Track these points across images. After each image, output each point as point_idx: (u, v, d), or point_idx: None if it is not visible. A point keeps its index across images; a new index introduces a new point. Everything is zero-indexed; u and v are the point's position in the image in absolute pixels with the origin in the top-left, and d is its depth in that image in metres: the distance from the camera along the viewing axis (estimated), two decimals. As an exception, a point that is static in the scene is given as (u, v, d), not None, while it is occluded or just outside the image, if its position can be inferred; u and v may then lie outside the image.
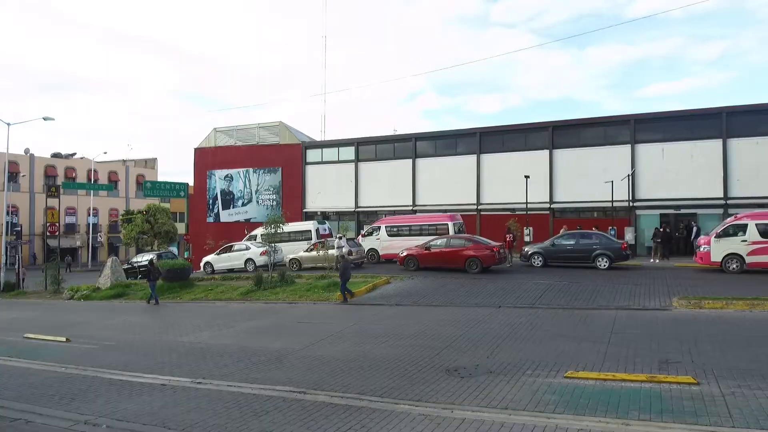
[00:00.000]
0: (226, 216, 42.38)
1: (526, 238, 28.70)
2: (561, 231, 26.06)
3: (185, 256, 31.71)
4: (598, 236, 23.14)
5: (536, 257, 23.39)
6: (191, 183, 44.13)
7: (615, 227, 27.87)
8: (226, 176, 42.48)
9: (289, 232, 27.90)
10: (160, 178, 66.26)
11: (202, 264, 29.41)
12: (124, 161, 69.93)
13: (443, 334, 11.98)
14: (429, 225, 26.99)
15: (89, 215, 57.51)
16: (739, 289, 15.60)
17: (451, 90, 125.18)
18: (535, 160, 32.43)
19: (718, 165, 28.13)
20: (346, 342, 11.85)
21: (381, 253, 27.55)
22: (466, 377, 8.63)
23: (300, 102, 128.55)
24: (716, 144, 28.33)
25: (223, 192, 42.61)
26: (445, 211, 31.26)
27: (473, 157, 34.55)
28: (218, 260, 28.58)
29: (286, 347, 11.67)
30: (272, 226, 22.08)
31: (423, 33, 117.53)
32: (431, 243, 23.43)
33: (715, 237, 20.21)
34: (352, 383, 8.65)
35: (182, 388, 9.05)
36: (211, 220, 42.72)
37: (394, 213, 35.05)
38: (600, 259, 21.91)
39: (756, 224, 19.65)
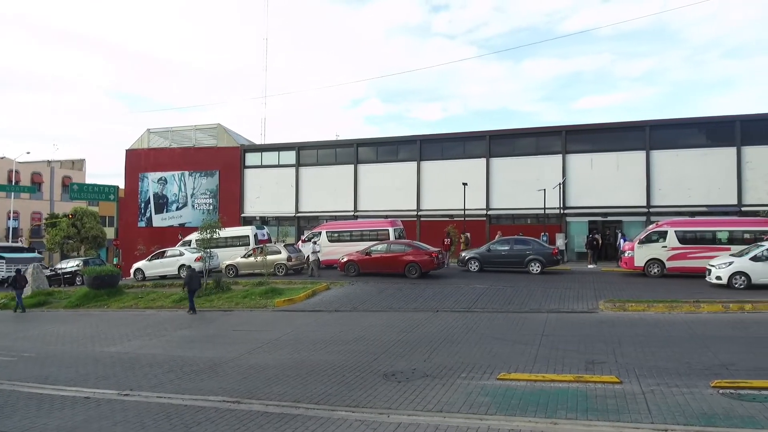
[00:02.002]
0: (159, 220, 40.81)
1: (463, 244, 29.34)
2: (496, 237, 26.85)
3: (114, 263, 30.24)
4: (531, 242, 23.97)
5: (473, 262, 23.93)
6: (122, 186, 42.25)
7: (547, 233, 28.97)
8: (160, 179, 40.94)
9: (226, 238, 27.21)
10: (89, 181, 63.01)
11: (132, 270, 28.13)
12: (49, 162, 65.95)
13: (382, 339, 12.03)
14: (370, 230, 27.06)
15: (9, 218, 53.79)
16: (659, 292, 16.61)
17: (394, 97, 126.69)
18: (473, 168, 33.25)
19: (642, 175, 29.84)
20: (284, 349, 11.67)
21: (321, 258, 27.32)
22: (403, 381, 8.69)
23: (240, 105, 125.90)
24: (640, 155, 30.05)
25: (156, 195, 41.02)
26: (386, 216, 31.48)
27: (414, 164, 35.00)
28: (150, 266, 27.45)
29: (221, 356, 11.35)
30: (208, 231, 21.45)
31: (367, 41, 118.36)
32: (372, 248, 23.50)
33: (638, 243, 21.41)
34: (289, 391, 8.52)
35: (108, 401, 8.62)
36: (143, 224, 41.01)
37: (335, 218, 34.91)
38: (533, 264, 22.70)
39: (675, 231, 21.00)
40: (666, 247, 20.80)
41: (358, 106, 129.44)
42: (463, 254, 25.03)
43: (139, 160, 41.61)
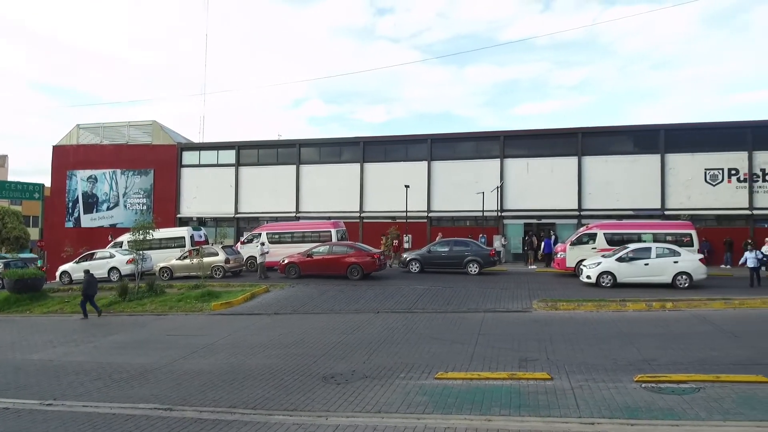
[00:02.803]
0: (88, 221, 38.80)
1: (406, 245, 29.66)
2: (437, 238, 27.30)
3: (38, 265, 28.50)
4: (470, 243, 24.53)
5: (414, 263, 24.21)
6: (48, 184, 39.87)
7: (485, 235, 29.75)
8: (90, 177, 38.95)
9: (161, 239, 26.21)
10: (11, 178, 59.15)
11: (58, 273, 26.61)
12: (-36, 157, 61.46)
13: (322, 341, 11.96)
14: (312, 232, 26.82)
15: None
16: (589, 292, 17.40)
17: (337, 98, 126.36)
18: (415, 170, 33.65)
19: (574, 180, 31.17)
20: (220, 354, 11.38)
21: (258, 260, 26.84)
22: (342, 383, 8.68)
23: (177, 102, 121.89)
24: (573, 161, 31.38)
25: (85, 194, 38.98)
26: (329, 218, 31.31)
27: (357, 166, 35.01)
28: (77, 269, 25.98)
29: (153, 362, 10.93)
30: (141, 232, 20.63)
31: (310, 41, 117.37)
32: (314, 250, 23.32)
33: (570, 245, 22.36)
34: (224, 396, 8.32)
35: (29, 411, 8.12)
36: (70, 225, 38.87)
37: (276, 219, 34.39)
38: (471, 265, 23.22)
39: (604, 233, 22.10)
40: (595, 248, 21.83)
41: (300, 107, 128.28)
42: (404, 255, 25.29)
43: (67, 157, 39.42)
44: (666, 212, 29.32)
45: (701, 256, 19.52)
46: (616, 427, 6.31)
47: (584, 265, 19.72)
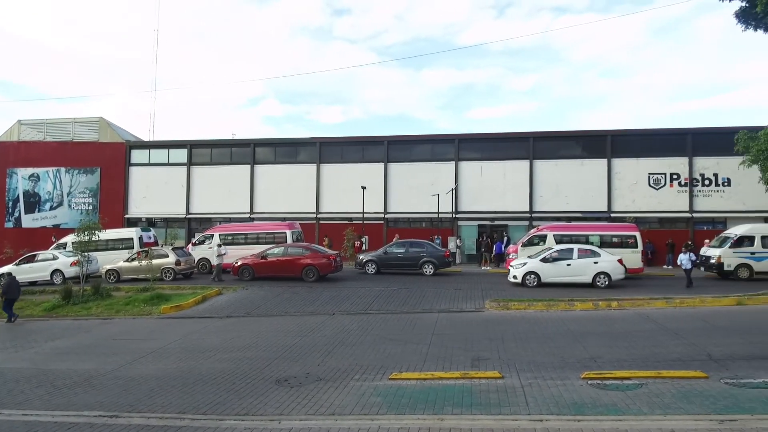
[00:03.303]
0: (29, 221, 36.99)
1: (363, 247, 29.70)
2: (394, 239, 27.46)
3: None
4: (425, 245, 24.78)
5: (370, 265, 24.25)
6: (-15, 182, 37.81)
7: (440, 236, 30.12)
8: (32, 176, 37.15)
9: (107, 240, 25.28)
10: (-58, 175, 55.54)
11: (-5, 276, 25.26)
12: None
13: (276, 344, 11.82)
14: (266, 233, 26.47)
15: None
16: (539, 292, 17.87)
17: (293, 98, 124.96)
18: (372, 171, 33.72)
19: (526, 183, 31.95)
20: (169, 358, 11.07)
21: (213, 262, 26.29)
22: (296, 386, 8.60)
23: (126, 99, 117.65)
24: (525, 164, 32.17)
25: (26, 193, 37.15)
26: (284, 219, 30.97)
27: (313, 166, 34.78)
28: (18, 271, 24.70)
29: (98, 368, 10.53)
30: (86, 232, 19.84)
31: (266, 40, 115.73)
32: (268, 252, 23.01)
33: (521, 246, 22.91)
34: (173, 402, 8.11)
35: (-40, 424, 7.67)
36: (10, 225, 36.95)
37: (229, 220, 33.77)
38: (426, 266, 23.46)
39: (554, 235, 22.77)
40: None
41: (256, 106, 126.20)
42: (360, 257, 25.30)
43: (7, 154, 37.46)
44: (612, 214, 30.44)
45: (619, 257, 20.22)
46: (563, 424, 6.50)
47: (511, 266, 20.41)
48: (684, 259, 19.62)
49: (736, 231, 22.66)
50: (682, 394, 7.52)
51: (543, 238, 22.81)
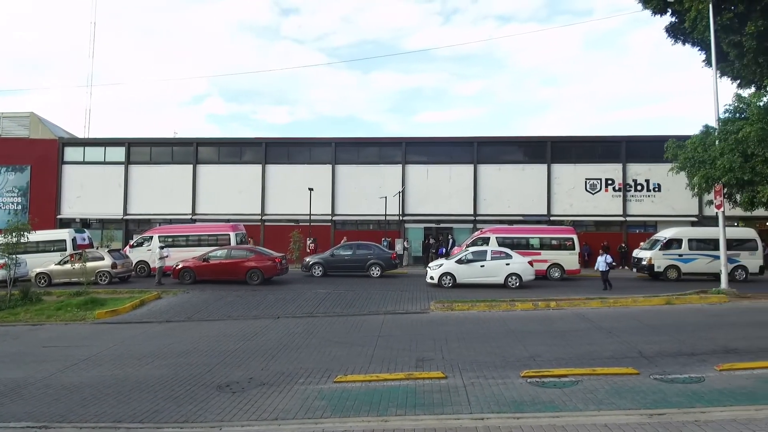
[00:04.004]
0: (-51, 221, 34.49)
1: (309, 248, 29.45)
2: (342, 242, 27.40)
3: None
4: (372, 247, 24.87)
5: (317, 267, 24.09)
6: None
7: (388, 239, 30.31)
8: (-48, 173, 34.69)
9: (38, 242, 23.93)
10: None
11: None
12: None
13: (218, 349, 11.53)
14: (209, 235, 25.83)
15: None
16: (483, 293, 18.27)
17: (239, 97, 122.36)
18: (320, 173, 33.54)
19: (470, 186, 32.66)
20: (104, 366, 10.58)
21: (153, 265, 25.38)
22: (238, 392, 8.42)
23: (61, 94, 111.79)
24: (469, 169, 32.87)
25: (-54, 192, 34.65)
26: (228, 220, 30.35)
27: (259, 167, 34.22)
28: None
29: (27, 376, 9.93)
30: (14, 234, 18.71)
31: (211, 37, 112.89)
32: (211, 254, 22.45)
33: (465, 248, 23.36)
34: (108, 411, 7.76)
35: None
36: (-74, 225, 34.33)
37: (170, 222, 32.69)
38: (373, 268, 23.56)
39: (496, 237, 23.38)
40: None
41: (199, 104, 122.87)
42: (307, 259, 25.09)
43: (-77, 149, 34.85)
44: (552, 218, 31.57)
45: (530, 259, 21.07)
46: (503, 421, 6.67)
47: (429, 267, 20.94)
48: (600, 261, 19.91)
49: (665, 234, 24.00)
50: (614, 390, 7.87)
51: (486, 241, 23.36)
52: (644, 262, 23.27)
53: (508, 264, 20.20)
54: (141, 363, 10.65)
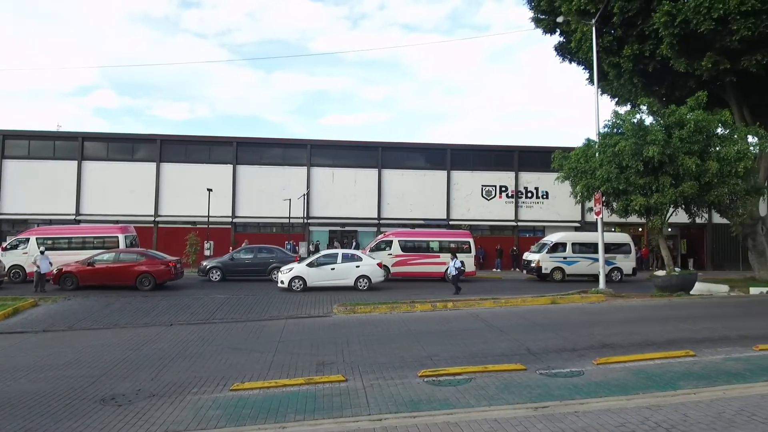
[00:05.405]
0: None
1: (207, 252, 28.30)
2: (243, 245, 26.63)
3: None
4: (275, 250, 24.40)
5: (215, 271, 23.21)
6: None
7: (292, 242, 29.90)
8: None
9: None
10: None
11: None
12: None
13: (103, 359, 10.73)
14: (95, 237, 23.99)
15: None
16: (385, 295, 18.58)
17: (132, 90, 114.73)
18: (220, 173, 32.39)
19: (375, 190, 33.13)
20: (-34, 382, 9.46)
21: (29, 270, 23.08)
22: (124, 405, 7.89)
23: None
24: (374, 173, 33.34)
25: None
26: (117, 222, 28.38)
27: (153, 165, 32.38)
28: None
29: None
30: None
31: (100, 24, 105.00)
32: (96, 258, 20.86)
33: (369, 251, 23.65)
34: (-31, 434, 6.94)
35: None
36: None
37: (50, 222, 29.97)
38: (275, 272, 23.07)
39: (399, 240, 23.88)
40: (391, 254, 23.46)
41: (86, 96, 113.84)
42: (204, 263, 24.08)
43: None
44: (451, 222, 32.83)
45: (379, 260, 21.80)
46: (400, 421, 6.80)
47: (280, 271, 20.88)
48: (450, 266, 20.04)
49: (551, 238, 25.80)
50: (504, 386, 8.32)
51: (389, 244, 23.79)
52: (533, 265, 24.87)
53: (358, 266, 20.62)
54: (13, 377, 9.65)
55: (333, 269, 20.26)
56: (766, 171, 23.13)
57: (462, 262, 20.93)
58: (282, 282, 20.16)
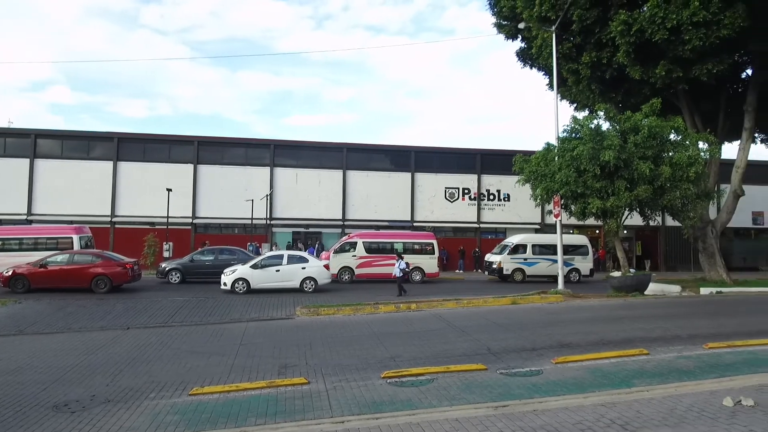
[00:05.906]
0: None
1: (166, 254, 27.65)
2: (204, 246, 26.13)
3: None
4: (237, 252, 24.03)
5: (174, 273, 22.70)
6: None
7: (255, 243, 29.51)
8: None
9: None
10: None
11: None
12: None
13: (55, 365, 10.34)
14: (48, 238, 23.13)
15: None
16: (348, 296, 18.57)
17: (89, 86, 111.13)
18: (179, 173, 31.71)
19: (339, 191, 33.04)
20: None
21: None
22: (78, 411, 7.63)
23: None
24: (338, 174, 33.25)
25: None
26: (71, 222, 27.41)
27: (109, 164, 31.45)
28: None
29: None
30: None
31: (55, 17, 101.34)
32: (49, 259, 20.09)
33: (333, 253, 23.58)
34: None
35: None
36: None
37: (0, 223, 28.72)
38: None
39: (363, 242, 23.88)
40: (356, 256, 23.44)
41: (40, 91, 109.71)
42: (163, 265, 23.52)
43: None
44: (414, 224, 33.04)
45: (326, 262, 21.99)
46: (362, 423, 6.80)
47: (224, 273, 20.29)
48: (396, 268, 19.94)
49: (513, 240, 26.28)
50: (465, 386, 8.42)
51: (353, 245, 23.76)
52: (494, 266, 25.28)
53: (304, 268, 20.40)
54: (-45, 386, 9.20)
55: (278, 271, 19.96)
56: (715, 176, 24.19)
57: (407, 263, 20.81)
58: (225, 284, 19.67)
